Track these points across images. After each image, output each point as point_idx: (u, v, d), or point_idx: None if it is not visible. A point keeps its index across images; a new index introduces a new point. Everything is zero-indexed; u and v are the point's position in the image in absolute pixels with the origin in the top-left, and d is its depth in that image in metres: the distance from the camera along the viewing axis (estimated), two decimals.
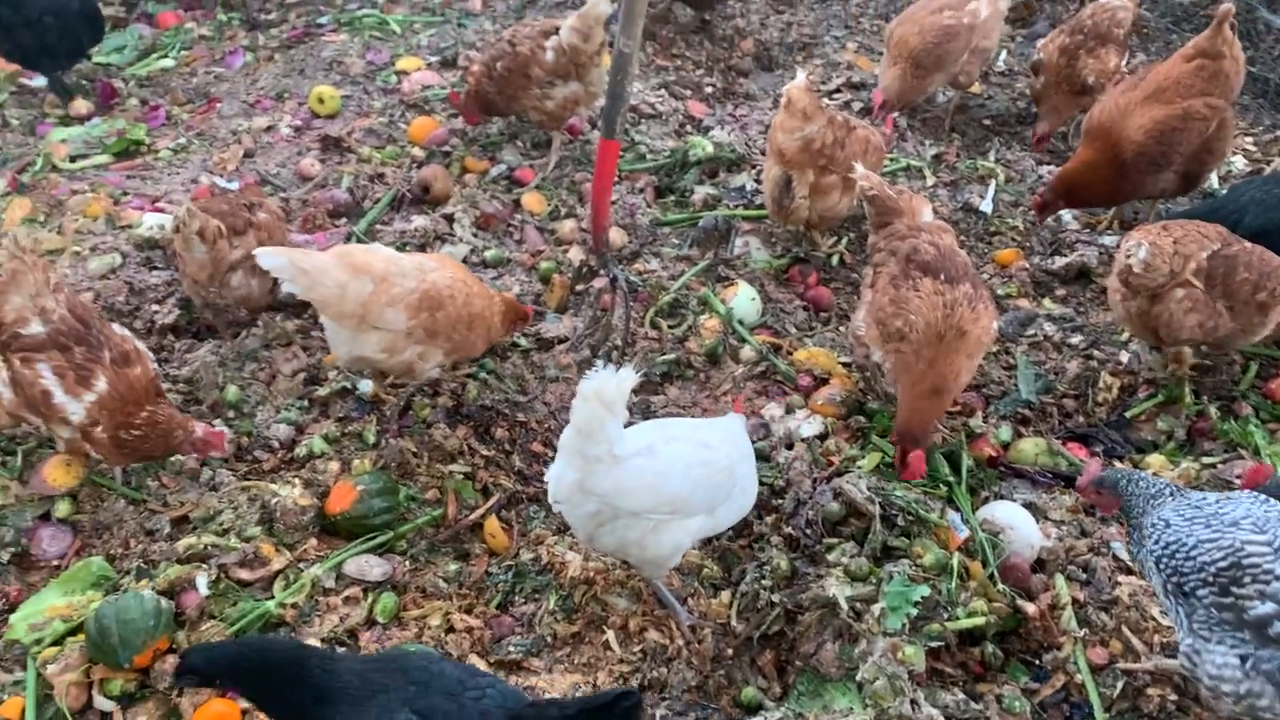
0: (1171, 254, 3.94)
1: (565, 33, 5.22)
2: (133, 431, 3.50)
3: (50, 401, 3.44)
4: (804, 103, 4.60)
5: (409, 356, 3.77)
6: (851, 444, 3.97)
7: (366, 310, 3.59)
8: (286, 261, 3.44)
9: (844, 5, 7.82)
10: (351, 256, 3.62)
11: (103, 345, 3.54)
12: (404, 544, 3.58)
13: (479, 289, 3.96)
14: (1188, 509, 2.90)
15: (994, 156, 5.98)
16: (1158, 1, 7.54)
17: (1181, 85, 4.92)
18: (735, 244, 5.12)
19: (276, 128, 5.95)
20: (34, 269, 3.48)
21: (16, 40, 5.91)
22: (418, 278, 3.71)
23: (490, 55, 5.40)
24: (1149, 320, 4.07)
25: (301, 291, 3.51)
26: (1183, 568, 2.81)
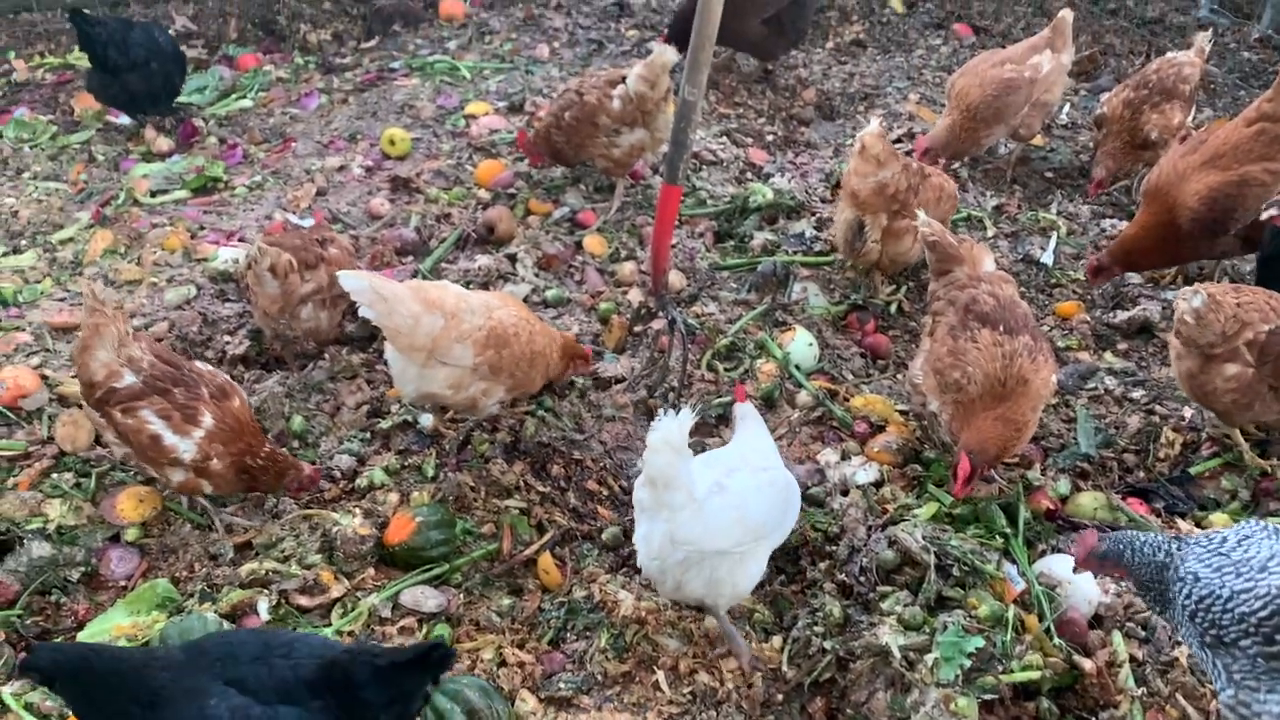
0: (1230, 315, 3.86)
1: (633, 81, 5.33)
2: (258, 460, 3.64)
3: (160, 444, 3.52)
4: (877, 149, 4.67)
5: (473, 392, 3.85)
6: (907, 492, 3.95)
7: (436, 345, 3.68)
8: (367, 285, 3.53)
9: (906, 57, 7.88)
10: (425, 291, 3.72)
11: (198, 382, 3.64)
12: (459, 577, 3.62)
13: (540, 327, 4.05)
14: (1212, 557, 2.85)
15: (1056, 209, 5.96)
16: (1225, 57, 7.49)
17: (1240, 150, 4.84)
18: (793, 289, 5.16)
19: (348, 167, 6.13)
20: (114, 320, 3.55)
21: (125, 84, 6.24)
22: (485, 315, 3.80)
23: (558, 105, 5.52)
24: (1195, 383, 4.01)
25: (376, 317, 3.59)
26: (1221, 620, 2.76)
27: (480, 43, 7.73)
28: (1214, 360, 3.91)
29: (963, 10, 8.44)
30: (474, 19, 8.04)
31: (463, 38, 7.77)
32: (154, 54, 6.25)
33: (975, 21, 8.25)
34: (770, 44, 7.08)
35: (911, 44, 8.09)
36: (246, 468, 3.64)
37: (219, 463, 3.59)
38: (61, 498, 3.82)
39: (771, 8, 6.78)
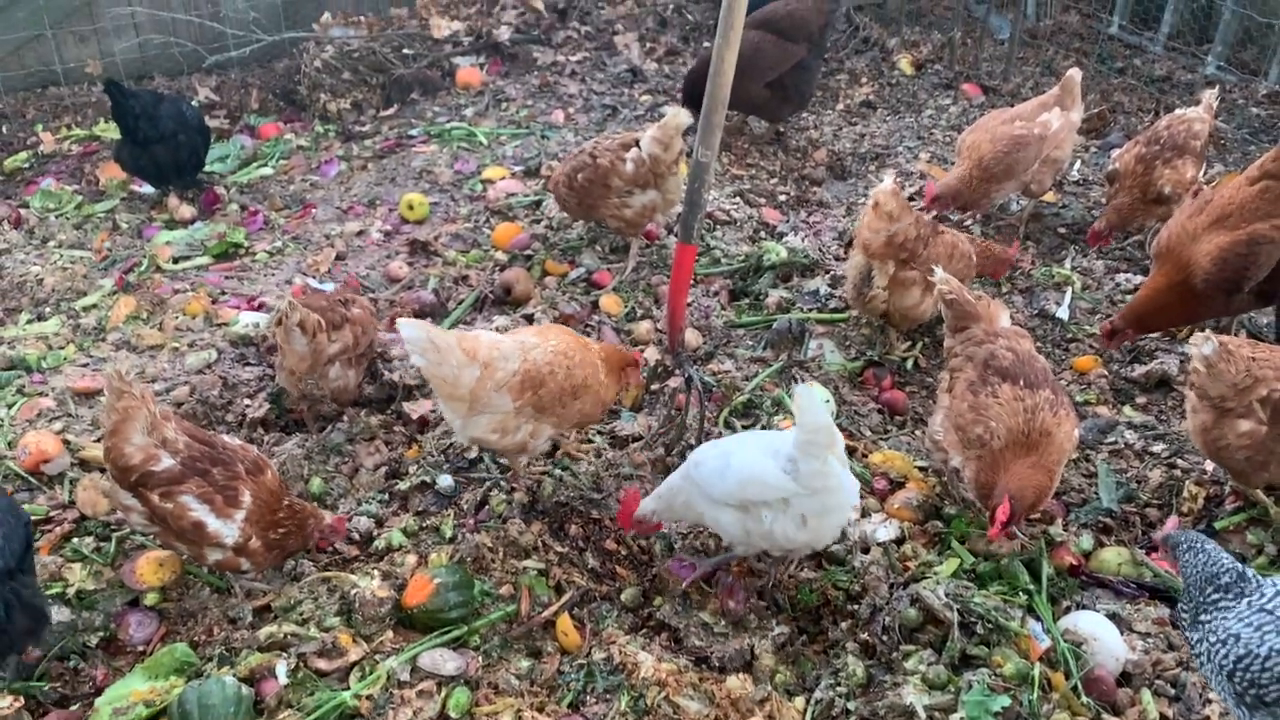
0: (1243, 369, 3.83)
1: (646, 143, 5.42)
2: (279, 529, 3.63)
3: (204, 531, 3.50)
4: (891, 205, 4.74)
5: (521, 437, 3.89)
6: (929, 549, 3.92)
7: (475, 395, 3.72)
8: (424, 335, 3.57)
9: (916, 117, 7.98)
10: (463, 340, 3.75)
11: (234, 459, 3.62)
12: (477, 639, 3.59)
13: (582, 358, 3.99)
14: (1253, 615, 2.83)
15: (1070, 264, 5.98)
16: (1234, 113, 7.55)
17: (1246, 210, 4.85)
18: (809, 346, 5.18)
19: (367, 232, 6.23)
20: (144, 401, 3.50)
21: (153, 155, 6.41)
22: (520, 358, 3.81)
23: (571, 166, 5.60)
24: (1208, 438, 3.98)
25: (427, 366, 3.63)
26: (1260, 679, 2.74)
27: (496, 109, 7.87)
28: (1227, 415, 3.88)
29: (971, 70, 8.56)
30: (490, 86, 8.20)
31: (479, 104, 7.92)
32: (182, 127, 6.42)
33: (984, 81, 8.36)
34: (775, 107, 7.19)
35: (921, 104, 8.19)
36: (272, 543, 3.64)
37: (258, 541, 3.59)
38: (82, 562, 3.84)
39: (774, 72, 6.90)
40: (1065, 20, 9.38)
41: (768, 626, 3.67)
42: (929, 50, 8.95)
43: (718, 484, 3.51)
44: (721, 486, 3.50)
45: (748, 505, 3.48)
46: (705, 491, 3.55)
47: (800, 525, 3.43)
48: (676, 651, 3.60)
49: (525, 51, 8.66)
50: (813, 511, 3.42)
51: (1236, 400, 3.85)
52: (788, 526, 3.44)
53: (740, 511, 3.51)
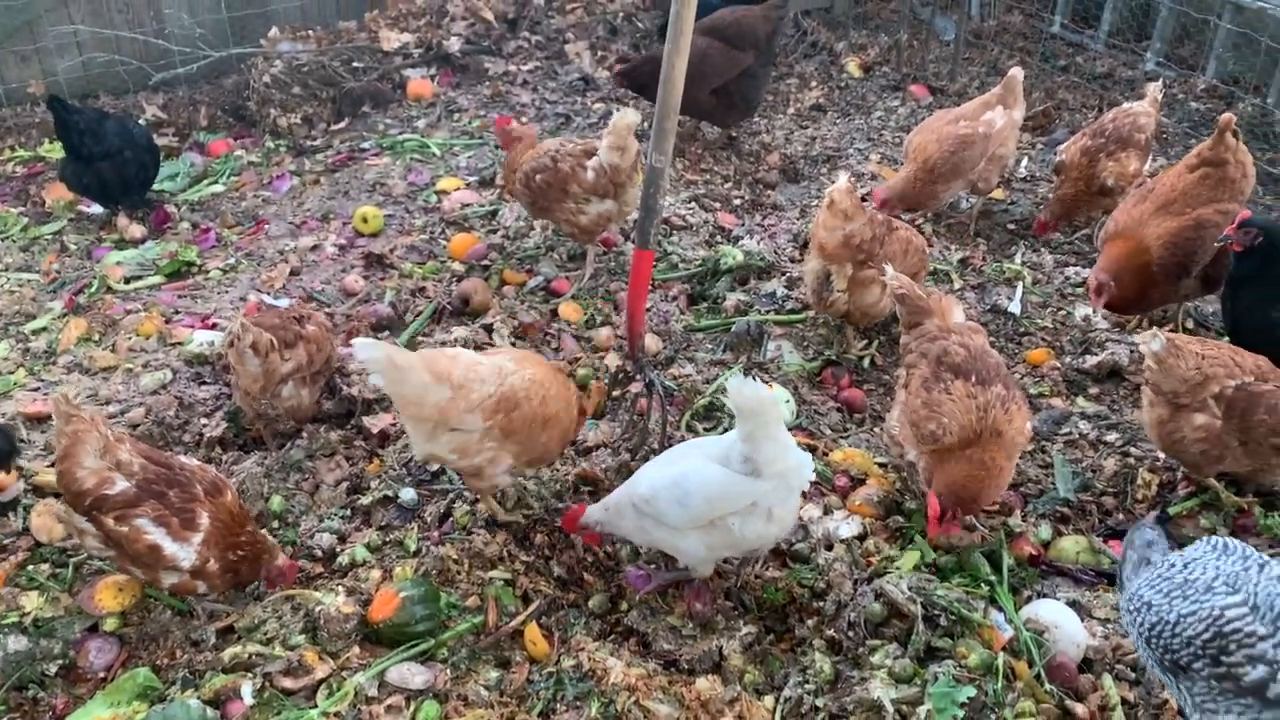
0: (1193, 365, 3.93)
1: (604, 153, 5.41)
2: (239, 552, 3.59)
3: (160, 554, 3.45)
4: (845, 204, 4.78)
5: (480, 460, 3.82)
6: (891, 544, 3.97)
7: (443, 415, 3.67)
8: (383, 355, 3.50)
9: (866, 119, 8.07)
10: (436, 362, 3.68)
11: (192, 480, 3.57)
12: (445, 651, 3.58)
13: (556, 391, 3.97)
14: (1162, 582, 2.93)
15: (1020, 259, 6.08)
16: (1174, 108, 7.72)
17: (1188, 195, 5.01)
18: (768, 348, 5.22)
19: (322, 246, 6.18)
20: (94, 425, 3.47)
21: (98, 173, 6.31)
22: (496, 382, 3.77)
23: (532, 166, 5.55)
24: (1163, 431, 4.07)
25: (387, 385, 3.58)
26: (1172, 645, 2.83)
27: (449, 120, 7.85)
28: (1183, 410, 3.97)
29: (918, 72, 8.67)
30: (442, 98, 8.17)
31: (431, 116, 7.89)
32: (128, 144, 6.34)
33: (931, 82, 8.47)
34: (722, 114, 7.23)
35: (870, 106, 8.29)
36: (230, 564, 3.59)
37: (215, 564, 3.55)
38: (38, 589, 3.77)
39: (720, 79, 6.94)
40: (1009, 20, 9.53)
41: (735, 627, 3.69)
42: (876, 53, 9.05)
43: (679, 513, 3.49)
44: (684, 514, 3.48)
45: (714, 521, 3.48)
46: (664, 523, 3.53)
47: (768, 520, 3.46)
48: (645, 656, 3.61)
49: (476, 62, 8.65)
50: (778, 501, 3.46)
51: (1190, 396, 3.94)
52: (756, 526, 3.46)
53: (705, 531, 3.51)
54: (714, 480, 3.45)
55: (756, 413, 3.28)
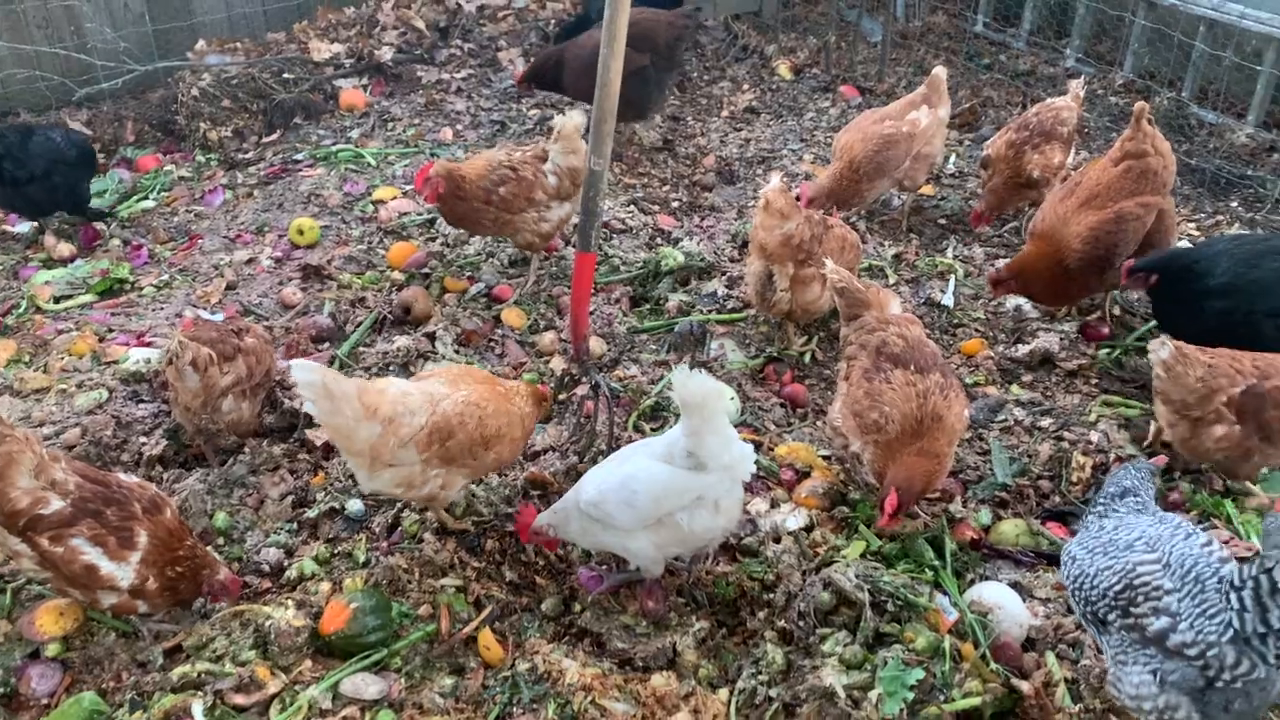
0: (1200, 374, 4.03)
1: (557, 156, 5.42)
2: (177, 568, 3.52)
3: (97, 574, 3.38)
4: (780, 203, 4.86)
5: (430, 489, 3.80)
6: (837, 534, 4.04)
7: (376, 452, 3.62)
8: (320, 380, 3.43)
9: (798, 120, 8.19)
10: (365, 394, 3.60)
11: (130, 498, 3.51)
12: (399, 661, 3.57)
13: (495, 407, 3.87)
14: (1090, 540, 3.10)
15: (951, 253, 6.22)
16: (1095, 103, 7.95)
17: (1113, 189, 5.18)
18: (711, 347, 5.28)
19: (257, 260, 6.11)
20: (28, 444, 3.39)
21: (28, 197, 6.17)
22: (427, 412, 3.69)
23: (492, 180, 5.41)
24: (1189, 447, 4.19)
25: (320, 415, 3.52)
26: (1090, 597, 2.99)
27: (383, 129, 7.80)
28: (1201, 424, 4.08)
29: (847, 73, 8.82)
30: (375, 107, 8.12)
31: (365, 126, 7.83)
32: (56, 162, 6.16)
33: (860, 83, 8.63)
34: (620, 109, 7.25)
35: (802, 108, 8.41)
36: (169, 581, 3.54)
37: (154, 582, 3.49)
38: None
39: None
40: (934, 21, 9.75)
41: (688, 623, 3.73)
42: (806, 55, 9.19)
43: (628, 514, 3.52)
44: (633, 515, 3.52)
45: (662, 519, 3.53)
46: (613, 525, 3.56)
47: (714, 512, 3.52)
48: (600, 656, 3.64)
49: (409, 71, 8.61)
50: (723, 493, 3.51)
51: (1200, 408, 4.05)
52: (703, 520, 3.51)
53: (653, 530, 3.55)
54: (660, 478, 3.49)
55: (702, 406, 3.32)
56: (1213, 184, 7.03)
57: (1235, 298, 4.55)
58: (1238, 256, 4.65)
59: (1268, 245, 4.69)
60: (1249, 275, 4.58)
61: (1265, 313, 4.54)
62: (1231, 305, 4.57)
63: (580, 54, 7.09)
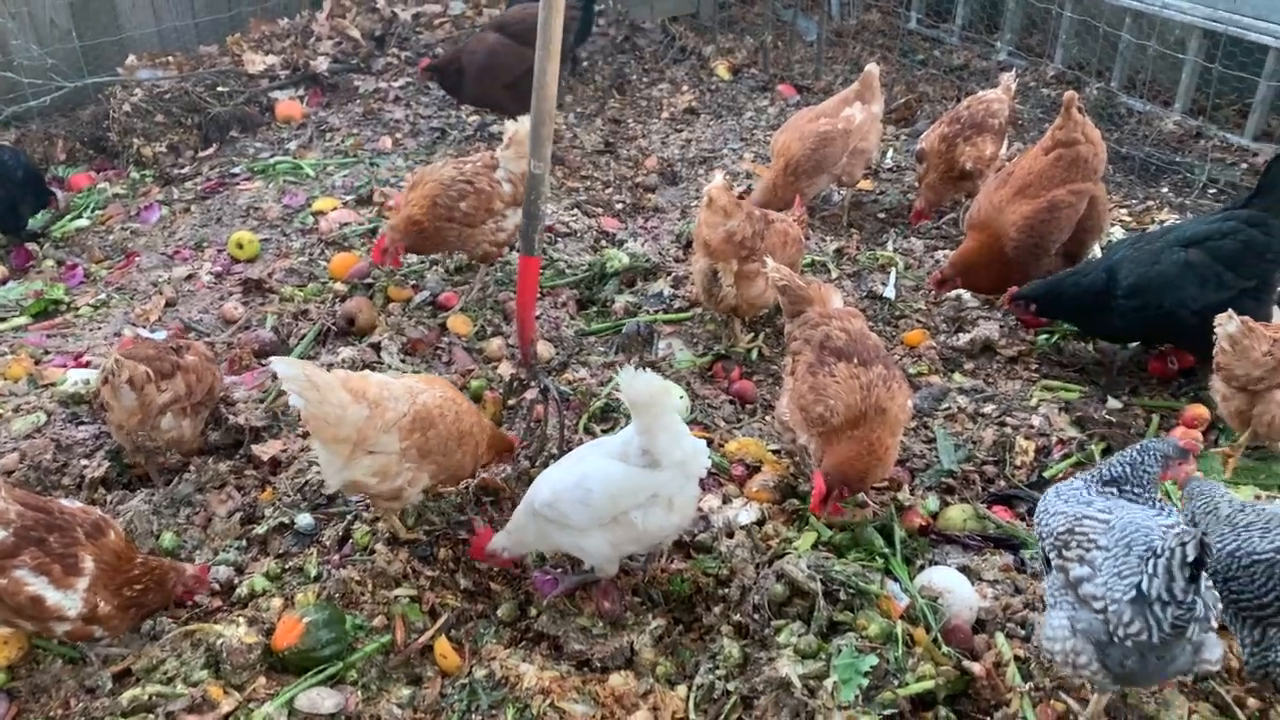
0: (1266, 347, 4.09)
1: (509, 163, 5.41)
2: (135, 586, 3.47)
3: (43, 605, 3.30)
4: (723, 200, 4.91)
5: (399, 483, 3.79)
6: (788, 526, 4.08)
7: (362, 436, 3.63)
8: (300, 373, 3.46)
9: (738, 120, 8.26)
10: (349, 381, 3.66)
11: (73, 524, 3.44)
12: (355, 673, 3.53)
13: (468, 407, 4.04)
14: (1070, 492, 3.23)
15: (892, 246, 6.31)
16: (1027, 95, 8.11)
17: (1044, 178, 5.31)
18: (658, 347, 5.31)
19: (197, 275, 6.02)
20: None
21: None
22: (409, 400, 3.77)
23: (451, 195, 5.34)
24: (1245, 419, 4.25)
25: (306, 407, 3.51)
26: (1042, 533, 3.14)
27: (321, 140, 7.73)
28: (1259, 395, 4.15)
29: (784, 72, 8.92)
30: (312, 118, 8.05)
31: (303, 137, 7.76)
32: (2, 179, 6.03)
33: (797, 81, 8.72)
34: (517, 107, 7.23)
35: (741, 107, 8.48)
36: (129, 600, 3.48)
37: (108, 606, 3.43)
38: None
39: (509, 75, 7.09)
40: (868, 19, 9.89)
41: (645, 621, 3.74)
42: (744, 55, 9.27)
43: (583, 513, 3.53)
44: (588, 513, 3.53)
45: (617, 517, 3.54)
46: (568, 525, 3.57)
47: (669, 509, 3.54)
48: (558, 658, 3.63)
49: (346, 80, 8.54)
50: (677, 490, 3.53)
51: (1269, 380, 4.11)
52: (658, 517, 3.52)
53: (608, 529, 3.56)
54: (615, 476, 3.50)
55: (651, 404, 3.34)
56: (1142, 171, 7.21)
57: (1145, 295, 4.68)
58: (1138, 258, 4.79)
59: (1164, 240, 4.82)
60: (1151, 273, 4.71)
61: (1175, 304, 4.66)
62: (1143, 303, 4.70)
63: (474, 59, 7.11)
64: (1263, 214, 4.63)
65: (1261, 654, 3.12)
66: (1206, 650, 2.89)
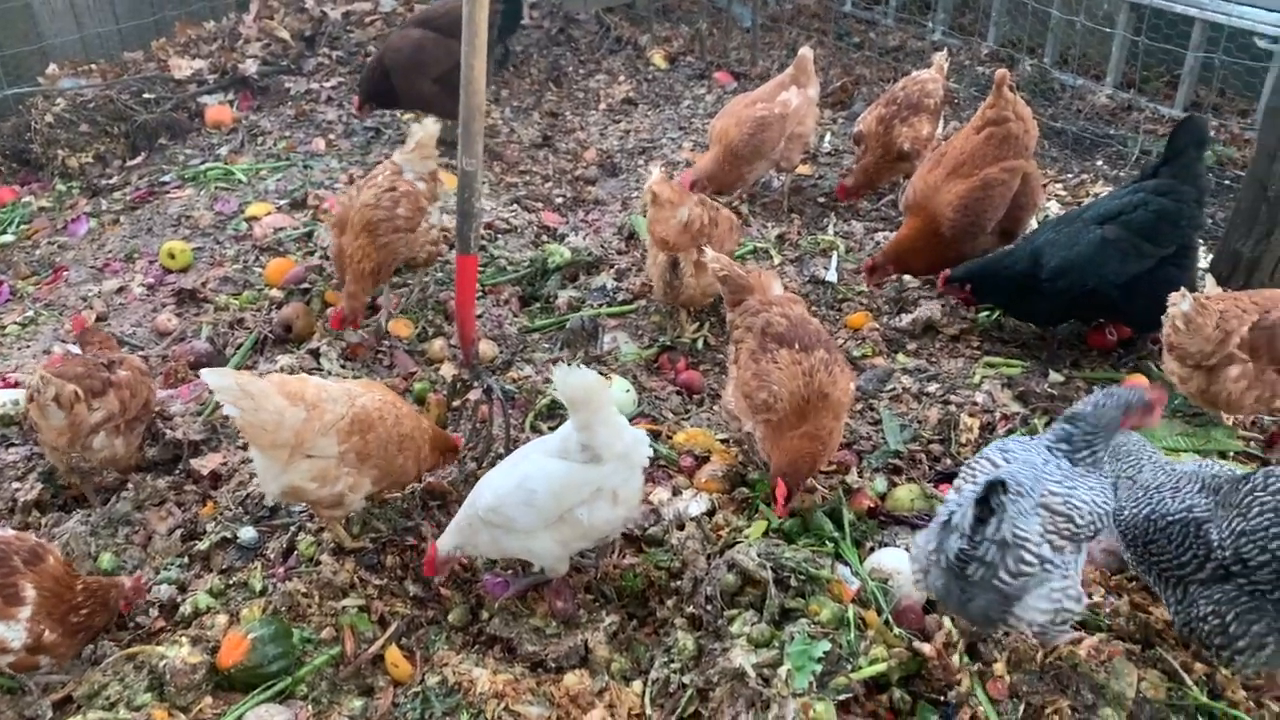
0: (1214, 324, 4.11)
1: (415, 165, 5.25)
2: (81, 611, 3.38)
3: None
4: (667, 193, 4.88)
5: (340, 488, 3.73)
6: (738, 515, 4.07)
7: (300, 439, 3.58)
8: (233, 383, 3.41)
9: (675, 109, 8.24)
10: (285, 385, 3.62)
11: (8, 552, 3.33)
12: (304, 688, 3.47)
13: (408, 410, 3.99)
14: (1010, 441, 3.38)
15: (832, 230, 6.33)
16: (962, 73, 8.18)
17: (977, 156, 5.35)
18: (603, 341, 5.27)
19: (128, 288, 5.88)
20: None
21: None
22: (347, 403, 3.73)
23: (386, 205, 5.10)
24: (1207, 398, 4.27)
25: (241, 415, 3.45)
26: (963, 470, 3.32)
27: (253, 144, 7.58)
28: (1216, 370, 4.17)
29: (721, 59, 8.91)
30: (243, 122, 7.88)
31: (234, 142, 7.60)
32: None
33: (734, 68, 8.72)
34: (446, 103, 7.05)
35: (678, 96, 8.46)
36: (75, 626, 3.39)
37: (54, 634, 3.33)
38: None
39: (437, 69, 6.92)
40: (803, 3, 9.91)
41: (598, 619, 3.71)
42: (680, 43, 9.25)
43: (529, 515, 3.49)
44: (535, 515, 3.49)
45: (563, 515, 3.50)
46: (515, 528, 3.52)
47: (614, 503, 3.52)
48: (511, 661, 3.60)
49: (276, 83, 8.38)
50: (620, 482, 3.51)
51: (1217, 355, 4.13)
52: (604, 511, 3.50)
53: (555, 528, 3.52)
54: (557, 475, 3.47)
55: (587, 400, 3.31)
56: (1077, 145, 7.30)
57: (1070, 276, 4.75)
58: (1059, 241, 4.86)
59: (1081, 220, 4.90)
60: (1071, 254, 4.78)
61: (1100, 281, 4.74)
62: (1069, 283, 4.77)
63: (399, 56, 6.95)
64: (1171, 181, 4.71)
65: (1185, 611, 3.19)
66: (1020, 609, 3.02)
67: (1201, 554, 3.10)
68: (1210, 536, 3.08)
